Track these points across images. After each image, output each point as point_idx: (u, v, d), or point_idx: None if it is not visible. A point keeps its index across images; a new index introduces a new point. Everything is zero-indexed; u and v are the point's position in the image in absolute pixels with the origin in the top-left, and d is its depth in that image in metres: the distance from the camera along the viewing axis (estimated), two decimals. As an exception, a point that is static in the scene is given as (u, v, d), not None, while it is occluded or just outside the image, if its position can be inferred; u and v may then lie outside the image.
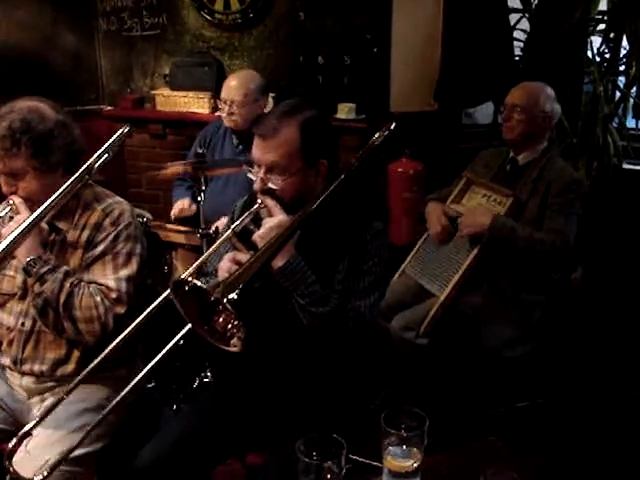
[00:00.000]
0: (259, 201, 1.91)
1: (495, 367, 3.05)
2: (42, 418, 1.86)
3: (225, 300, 1.52)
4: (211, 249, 1.89)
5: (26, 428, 1.83)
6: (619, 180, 4.16)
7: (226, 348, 1.62)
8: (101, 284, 2.10)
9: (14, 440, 1.83)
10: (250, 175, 1.96)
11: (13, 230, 1.98)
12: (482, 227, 2.96)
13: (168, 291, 1.69)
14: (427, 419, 1.50)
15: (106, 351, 1.82)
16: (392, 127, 2.20)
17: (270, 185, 1.91)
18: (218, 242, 1.90)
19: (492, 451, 1.76)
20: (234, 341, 1.62)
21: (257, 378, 2.06)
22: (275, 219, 1.86)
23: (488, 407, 3.08)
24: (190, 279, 1.60)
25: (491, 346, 2.98)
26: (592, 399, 3.32)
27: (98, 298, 2.06)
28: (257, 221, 1.92)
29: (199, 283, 1.58)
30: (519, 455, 1.74)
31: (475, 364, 3.08)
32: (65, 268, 2.08)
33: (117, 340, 1.81)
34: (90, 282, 2.10)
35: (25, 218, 2.01)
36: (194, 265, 1.85)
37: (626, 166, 4.26)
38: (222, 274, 1.80)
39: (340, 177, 1.96)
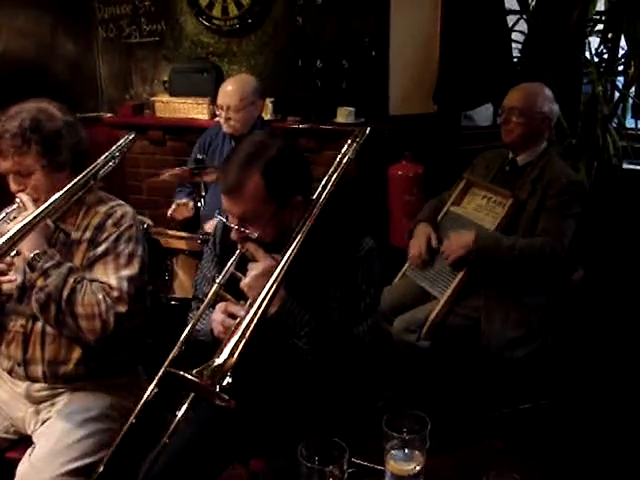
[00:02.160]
0: (239, 246, 1.89)
1: (497, 369, 3.04)
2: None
3: (218, 388, 1.51)
4: (200, 311, 1.85)
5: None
6: (619, 180, 4.16)
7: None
8: (103, 282, 2.11)
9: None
10: (227, 223, 1.93)
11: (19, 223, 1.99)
12: (467, 245, 2.97)
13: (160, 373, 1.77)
14: (429, 422, 1.50)
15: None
16: (367, 132, 2.19)
17: (247, 234, 1.86)
18: (205, 302, 1.85)
19: (494, 453, 1.77)
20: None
21: (259, 383, 2.06)
22: (260, 265, 1.84)
23: (490, 409, 3.08)
24: (180, 372, 1.56)
25: (493, 348, 2.98)
26: (595, 400, 3.32)
27: (100, 296, 2.06)
28: (242, 263, 1.88)
29: (189, 376, 1.53)
30: (521, 457, 1.74)
31: (477, 366, 3.07)
32: (69, 264, 2.09)
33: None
34: (92, 280, 2.11)
35: (32, 213, 2.02)
36: (183, 335, 1.83)
37: (626, 166, 4.25)
38: (216, 326, 1.82)
39: (317, 204, 1.91)
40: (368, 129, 2.20)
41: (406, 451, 1.49)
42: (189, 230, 3.60)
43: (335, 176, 2.01)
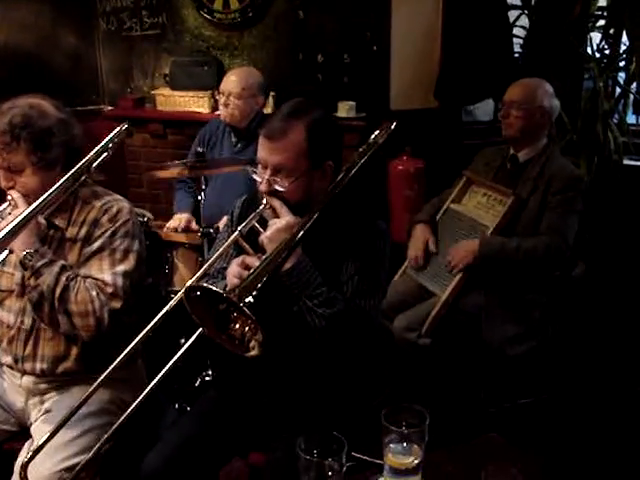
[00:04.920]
0: (264, 202, 1.91)
1: (498, 364, 3.05)
2: (57, 429, 1.83)
3: (242, 304, 1.51)
4: (218, 252, 1.89)
5: (41, 441, 1.81)
6: (620, 176, 4.16)
7: (245, 354, 1.60)
8: (97, 279, 2.10)
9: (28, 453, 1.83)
10: (255, 176, 1.95)
11: (10, 222, 1.98)
12: (473, 252, 2.97)
13: (180, 294, 1.65)
14: (427, 416, 1.50)
15: (122, 355, 1.80)
16: (393, 126, 2.21)
17: (276, 187, 1.90)
18: (225, 245, 1.89)
19: (493, 447, 1.77)
20: (252, 344, 1.59)
21: (259, 377, 2.06)
22: (283, 220, 1.86)
23: (491, 404, 3.09)
24: (204, 284, 1.59)
25: (493, 344, 2.98)
26: (595, 395, 3.32)
27: (94, 292, 2.06)
28: (261, 222, 1.91)
29: (214, 288, 1.56)
30: (520, 451, 1.74)
31: (478, 362, 3.08)
32: (62, 262, 2.08)
33: (131, 345, 1.80)
34: (86, 277, 2.10)
35: (22, 211, 2.02)
36: (201, 269, 1.84)
37: (627, 162, 4.26)
38: (231, 279, 1.80)
39: (346, 177, 1.97)
40: (394, 124, 2.23)
41: (405, 445, 1.49)
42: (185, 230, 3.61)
43: (365, 157, 2.07)
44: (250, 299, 1.52)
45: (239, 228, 1.87)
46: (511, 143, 3.19)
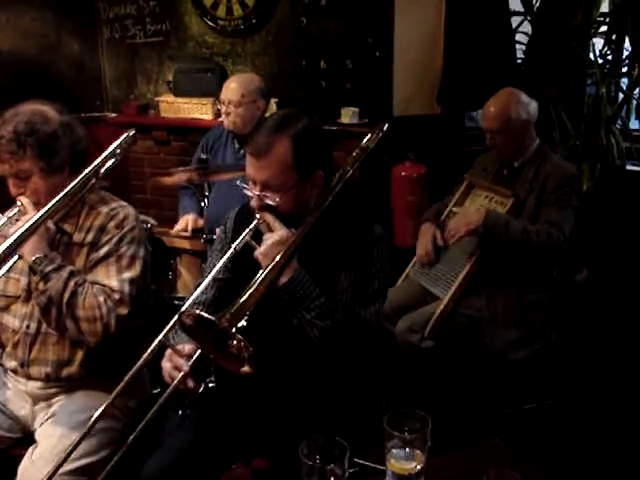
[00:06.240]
0: (257, 216, 1.91)
1: (500, 369, 3.04)
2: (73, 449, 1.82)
3: (234, 330, 1.52)
4: (214, 271, 1.89)
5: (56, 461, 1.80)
6: (623, 182, 4.16)
7: (237, 371, 1.62)
8: (104, 285, 2.11)
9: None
10: (246, 192, 1.95)
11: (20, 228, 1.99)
12: (476, 223, 2.96)
13: (174, 320, 1.71)
14: (430, 421, 1.51)
15: (131, 372, 1.83)
16: (385, 129, 2.21)
17: (267, 202, 1.89)
18: (219, 263, 1.89)
19: (495, 453, 1.76)
20: (246, 364, 1.61)
21: (262, 383, 2.06)
22: (276, 235, 1.86)
23: (493, 409, 3.08)
24: (196, 312, 1.60)
25: (496, 348, 2.98)
26: (599, 401, 3.31)
27: (101, 298, 2.07)
28: (256, 235, 1.91)
29: (206, 315, 1.58)
30: (523, 457, 1.74)
31: (480, 366, 3.07)
32: (70, 268, 2.09)
33: (133, 369, 1.83)
34: (94, 283, 2.11)
35: (32, 217, 2.03)
36: (196, 292, 1.86)
37: (629, 167, 4.25)
38: (167, 379, 1.87)
39: (336, 185, 1.96)
40: (386, 125, 2.24)
41: (407, 450, 1.49)
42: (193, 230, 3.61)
43: (357, 163, 2.07)
44: (243, 323, 1.53)
45: (233, 245, 1.88)
46: (507, 159, 3.21)
